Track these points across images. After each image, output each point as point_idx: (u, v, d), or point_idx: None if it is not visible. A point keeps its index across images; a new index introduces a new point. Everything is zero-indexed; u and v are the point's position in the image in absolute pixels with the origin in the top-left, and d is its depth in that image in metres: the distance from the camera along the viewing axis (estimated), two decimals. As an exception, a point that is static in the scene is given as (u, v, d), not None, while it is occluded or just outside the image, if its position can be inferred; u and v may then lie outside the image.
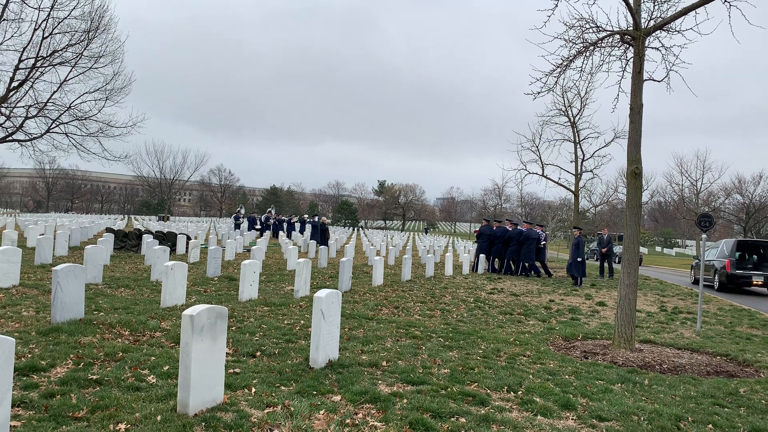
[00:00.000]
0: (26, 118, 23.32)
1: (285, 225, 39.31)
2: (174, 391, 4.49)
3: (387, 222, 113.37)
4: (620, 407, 5.16)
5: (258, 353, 6.26)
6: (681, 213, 62.44)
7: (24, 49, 22.04)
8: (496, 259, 21.15)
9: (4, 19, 21.44)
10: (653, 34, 8.23)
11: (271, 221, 40.43)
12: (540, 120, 23.70)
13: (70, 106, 23.67)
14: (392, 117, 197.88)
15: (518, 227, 21.23)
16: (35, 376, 4.89)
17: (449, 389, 5.32)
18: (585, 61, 8.63)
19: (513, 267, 20.45)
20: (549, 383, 5.86)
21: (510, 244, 20.51)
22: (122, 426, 3.89)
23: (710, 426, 4.93)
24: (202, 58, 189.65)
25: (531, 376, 6.14)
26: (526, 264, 20.24)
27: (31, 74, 22.62)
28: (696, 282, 21.98)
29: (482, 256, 21.09)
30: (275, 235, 36.82)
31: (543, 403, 5.14)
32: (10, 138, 23.26)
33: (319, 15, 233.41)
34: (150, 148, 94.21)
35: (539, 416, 4.83)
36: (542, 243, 21.09)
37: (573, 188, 23.19)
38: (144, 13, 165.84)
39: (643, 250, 61.89)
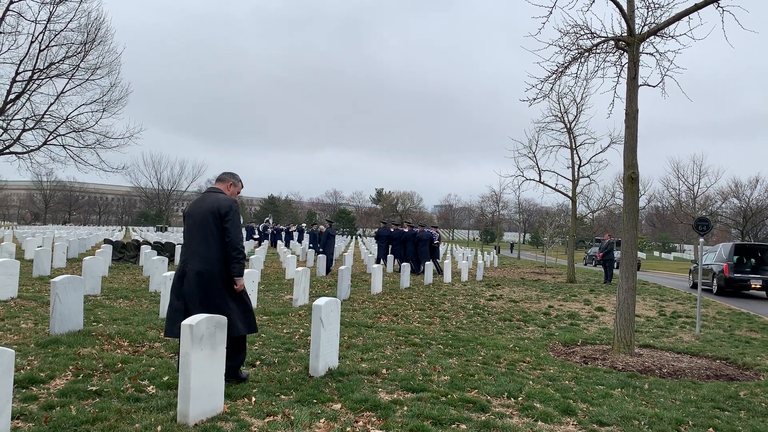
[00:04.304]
0: (23, 130, 23.36)
1: (283, 234, 39.30)
2: (174, 402, 4.48)
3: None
4: (621, 412, 5.16)
5: (257, 362, 6.25)
6: (678, 217, 62.60)
7: (21, 61, 22.12)
8: (395, 258, 22.78)
9: (0, 32, 21.50)
10: (647, 40, 8.29)
11: (269, 230, 40.43)
12: (536, 126, 23.80)
13: (67, 118, 23.74)
14: (390, 125, 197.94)
15: (414, 229, 23.09)
16: (35, 388, 4.87)
17: (449, 396, 5.32)
18: (580, 68, 8.69)
19: (413, 265, 21.35)
20: (549, 389, 5.86)
21: (407, 244, 22.31)
22: (122, 437, 3.88)
23: (711, 429, 4.93)
24: (197, 67, 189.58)
25: (531, 382, 6.13)
26: (421, 261, 21.65)
27: (28, 87, 22.68)
28: (694, 286, 21.99)
29: (390, 257, 22.63)
30: (273, 244, 36.80)
31: (543, 408, 5.14)
32: (7, 150, 23.28)
33: (316, 22, 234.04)
34: (147, 159, 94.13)
35: (540, 422, 4.82)
36: (435, 242, 23.09)
37: (570, 194, 23.16)
38: (140, 22, 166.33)
39: (641, 254, 61.97)
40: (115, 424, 4.07)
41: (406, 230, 23.02)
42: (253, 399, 4.86)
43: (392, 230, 23.32)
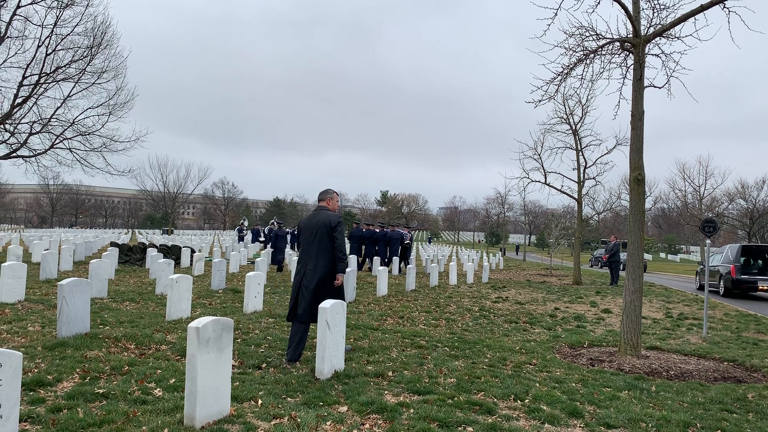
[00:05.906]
0: (30, 134, 23.45)
1: (288, 237, 39.29)
2: (181, 404, 4.49)
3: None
4: (628, 414, 5.14)
5: (264, 365, 6.26)
6: (684, 219, 62.35)
7: (27, 65, 22.19)
8: (368, 257, 23.33)
9: (7, 37, 21.63)
10: (653, 41, 8.26)
11: (244, 233, 40.37)
12: (542, 128, 23.72)
13: (73, 122, 23.79)
14: (395, 127, 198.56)
15: (385, 229, 23.82)
16: (42, 391, 4.89)
17: (456, 398, 5.31)
18: (585, 69, 8.66)
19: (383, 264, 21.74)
20: (556, 391, 5.84)
21: (378, 244, 22.90)
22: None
23: (719, 432, 4.91)
24: (204, 69, 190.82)
25: (537, 384, 6.12)
26: (392, 259, 22.49)
27: (35, 90, 22.76)
28: (701, 288, 21.89)
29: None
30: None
31: (550, 411, 5.12)
32: (14, 154, 23.38)
33: (322, 25, 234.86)
34: (153, 162, 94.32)
35: (546, 424, 4.81)
36: (406, 242, 24.01)
37: (576, 196, 23.12)
38: (146, 26, 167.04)
39: (648, 256, 61.75)
40: (122, 427, 4.08)
41: (378, 230, 23.52)
42: (260, 401, 4.87)
43: (364, 230, 23.73)
